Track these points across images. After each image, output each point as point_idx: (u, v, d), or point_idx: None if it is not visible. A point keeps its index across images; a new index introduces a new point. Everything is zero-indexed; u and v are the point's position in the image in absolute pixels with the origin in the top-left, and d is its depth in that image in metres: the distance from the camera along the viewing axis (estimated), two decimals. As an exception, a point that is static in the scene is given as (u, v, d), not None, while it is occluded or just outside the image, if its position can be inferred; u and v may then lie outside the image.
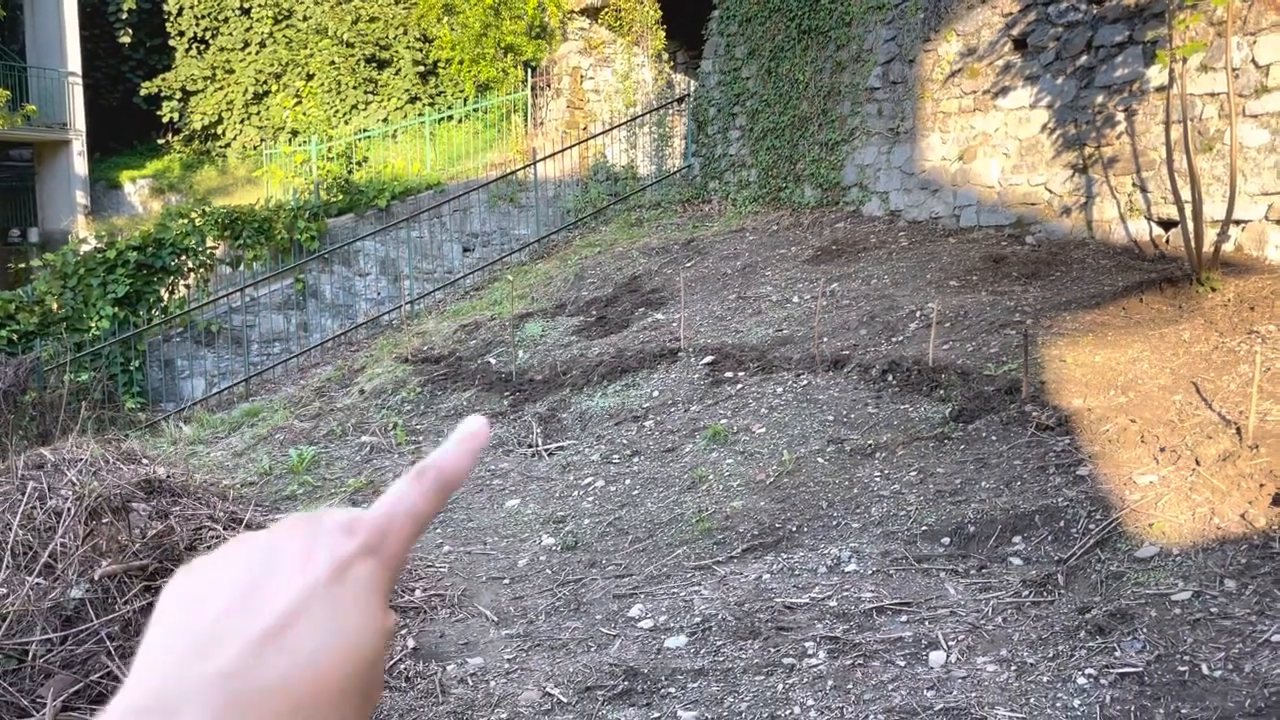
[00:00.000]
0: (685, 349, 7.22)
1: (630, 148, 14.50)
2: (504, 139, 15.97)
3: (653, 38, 14.79)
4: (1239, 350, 4.66)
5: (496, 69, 16.03)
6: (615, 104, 15.40)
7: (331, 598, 0.45)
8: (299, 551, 0.46)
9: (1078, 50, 7.26)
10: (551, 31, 16.27)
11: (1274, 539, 3.09)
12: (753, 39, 11.67)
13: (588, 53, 16.06)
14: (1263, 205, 5.93)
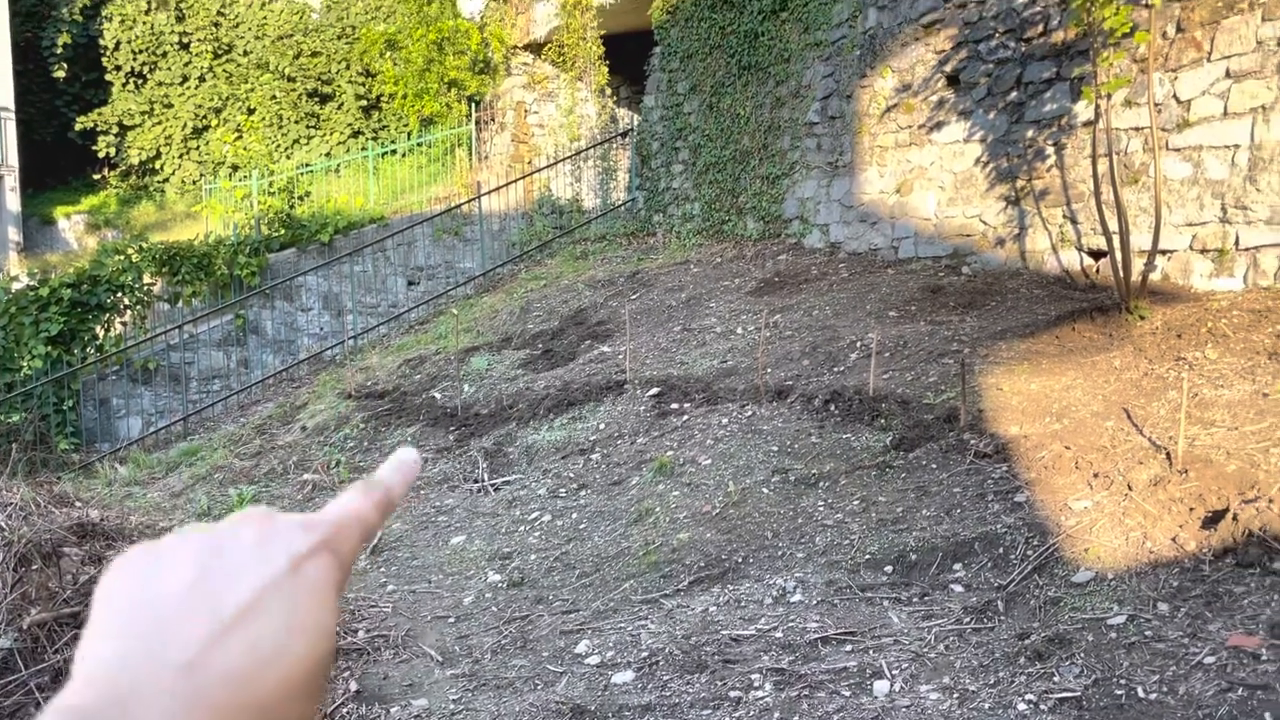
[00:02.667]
0: (631, 381, 7.24)
1: (575, 181, 14.57)
2: (448, 173, 15.95)
3: (596, 73, 14.92)
4: (1167, 377, 4.80)
5: (440, 103, 16.04)
6: (560, 138, 15.48)
7: (291, 591, 0.43)
8: (253, 543, 0.45)
9: (1008, 86, 7.47)
10: (495, 67, 16.33)
11: (1204, 562, 3.17)
12: (694, 75, 11.83)
13: (531, 88, 16.15)
14: (1187, 236, 6.13)
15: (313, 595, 0.44)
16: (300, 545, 0.45)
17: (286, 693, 0.42)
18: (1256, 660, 2.55)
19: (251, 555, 0.44)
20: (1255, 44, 5.75)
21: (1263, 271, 5.66)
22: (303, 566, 0.45)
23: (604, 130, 15.30)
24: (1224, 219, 5.91)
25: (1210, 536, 3.25)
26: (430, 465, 6.88)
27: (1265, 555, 3.01)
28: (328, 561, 0.46)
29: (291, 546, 0.45)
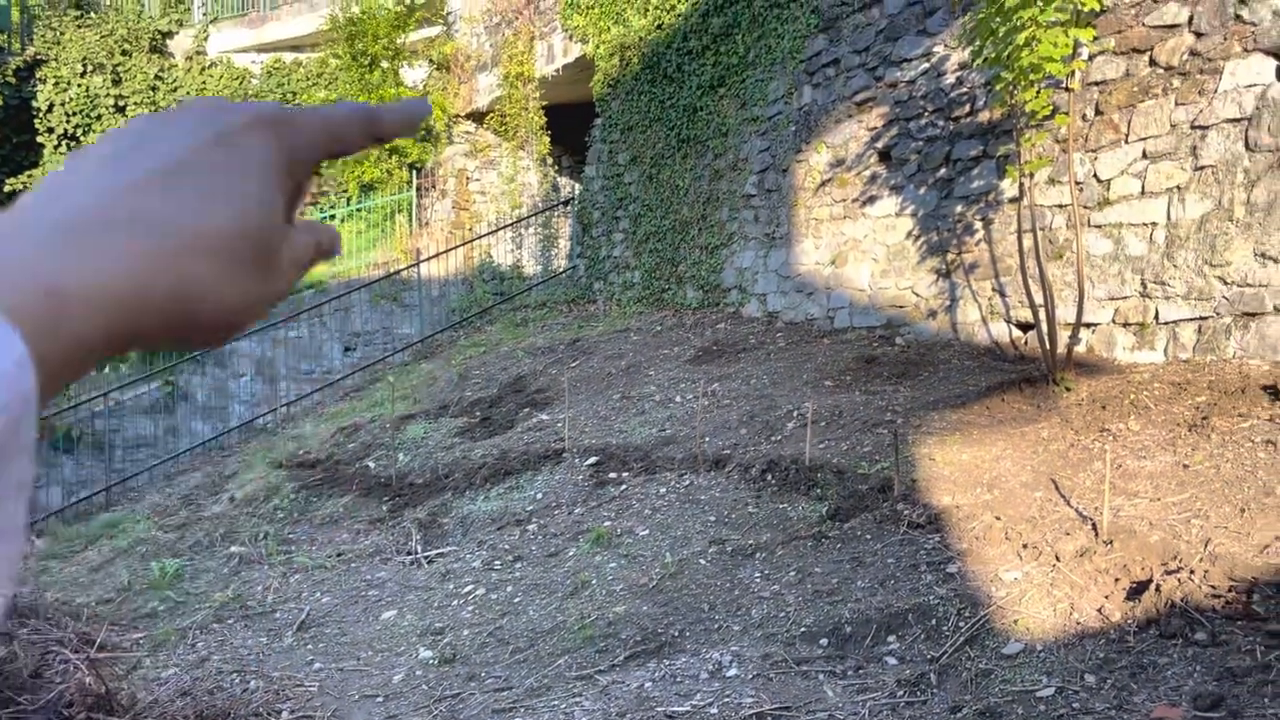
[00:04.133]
0: (570, 450, 7.20)
1: (516, 248, 14.63)
2: (388, 238, 15.92)
3: (538, 143, 15.10)
4: (1093, 448, 4.91)
5: (381, 170, 16.06)
6: (501, 205, 15.57)
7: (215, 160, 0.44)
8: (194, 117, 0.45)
9: (938, 163, 7.71)
10: (437, 135, 16.44)
11: (1129, 633, 3.21)
12: (634, 146, 12.03)
13: (474, 155, 16.27)
14: (1110, 309, 6.33)
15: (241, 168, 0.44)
16: (233, 118, 0.46)
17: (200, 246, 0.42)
18: (1181, 733, 2.58)
19: (188, 126, 0.45)
20: (1170, 127, 6.02)
21: (1182, 345, 5.85)
22: (234, 139, 0.45)
23: (546, 198, 15.44)
24: (1144, 294, 6.12)
25: (1135, 607, 3.30)
26: (362, 537, 6.73)
27: (1187, 626, 3.07)
28: (265, 139, 0.46)
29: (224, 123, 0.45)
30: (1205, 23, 5.84)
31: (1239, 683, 2.72)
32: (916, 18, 7.98)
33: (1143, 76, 6.20)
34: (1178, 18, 5.99)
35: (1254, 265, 5.49)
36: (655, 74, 11.57)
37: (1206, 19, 5.83)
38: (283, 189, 0.47)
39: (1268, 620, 2.97)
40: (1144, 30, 6.18)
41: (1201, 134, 5.83)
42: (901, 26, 8.13)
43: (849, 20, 8.74)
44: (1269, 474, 4.12)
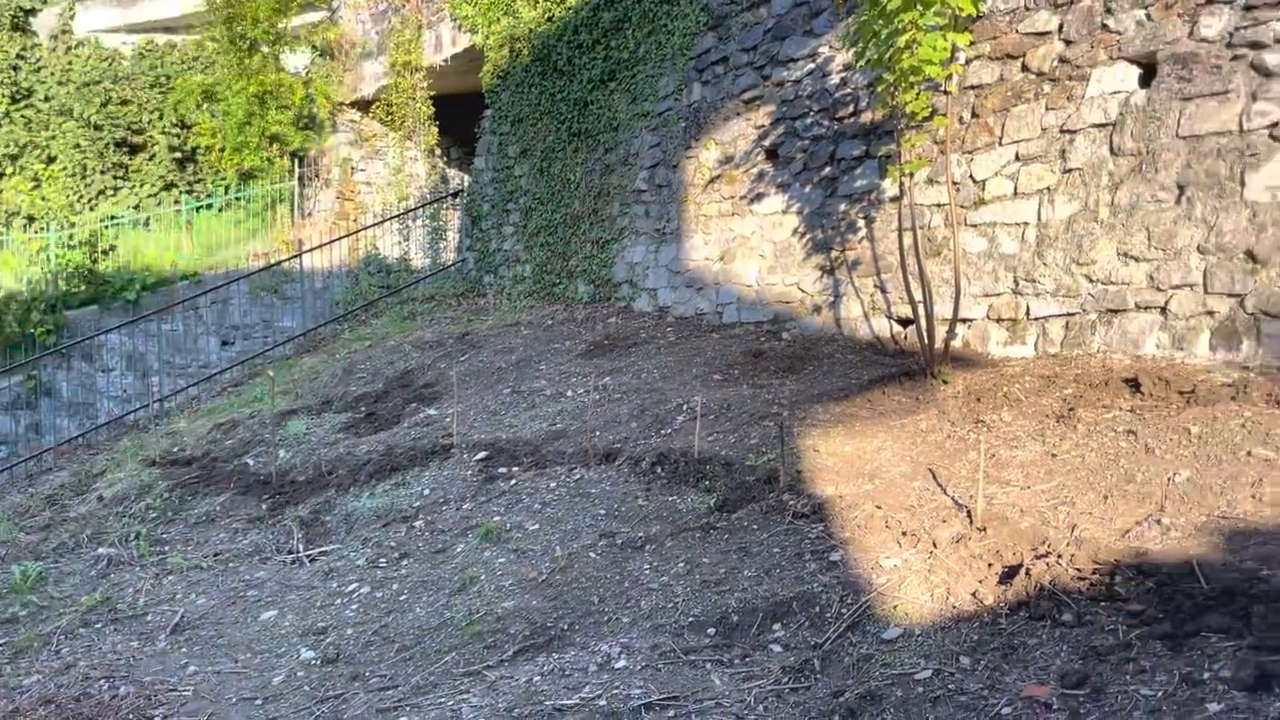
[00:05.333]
0: (459, 445, 7.10)
1: (404, 240, 14.35)
2: (269, 229, 15.41)
3: (426, 133, 14.84)
4: (968, 438, 5.09)
5: (261, 158, 15.54)
6: (388, 196, 15.26)
7: None
8: None
9: (822, 162, 7.88)
10: (321, 123, 16.00)
11: (1001, 616, 3.34)
12: (525, 139, 11.93)
13: (359, 145, 15.89)
14: (984, 306, 6.57)
15: None
16: None
17: None
18: (1048, 709, 2.69)
19: None
20: (1041, 130, 6.28)
21: (1051, 340, 6.12)
22: None
23: (434, 190, 15.19)
24: (1017, 291, 6.37)
25: (1007, 591, 3.43)
26: (240, 537, 6.50)
27: (1055, 608, 3.21)
28: None
29: None
30: (1074, 31, 6.11)
31: (1102, 660, 2.86)
32: (803, 18, 8.14)
33: (1016, 81, 6.45)
34: (1048, 25, 6.26)
35: (1117, 264, 5.78)
36: (546, 66, 11.50)
37: (1075, 27, 6.10)
38: None
39: (1128, 601, 3.13)
40: (1017, 37, 6.44)
41: (1070, 138, 6.10)
42: (788, 27, 8.28)
43: (737, 19, 8.85)
44: (1130, 462, 4.34)
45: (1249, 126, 5.23)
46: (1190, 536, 3.55)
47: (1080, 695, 2.71)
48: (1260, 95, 5.20)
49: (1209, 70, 5.43)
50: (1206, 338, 5.30)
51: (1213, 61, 5.41)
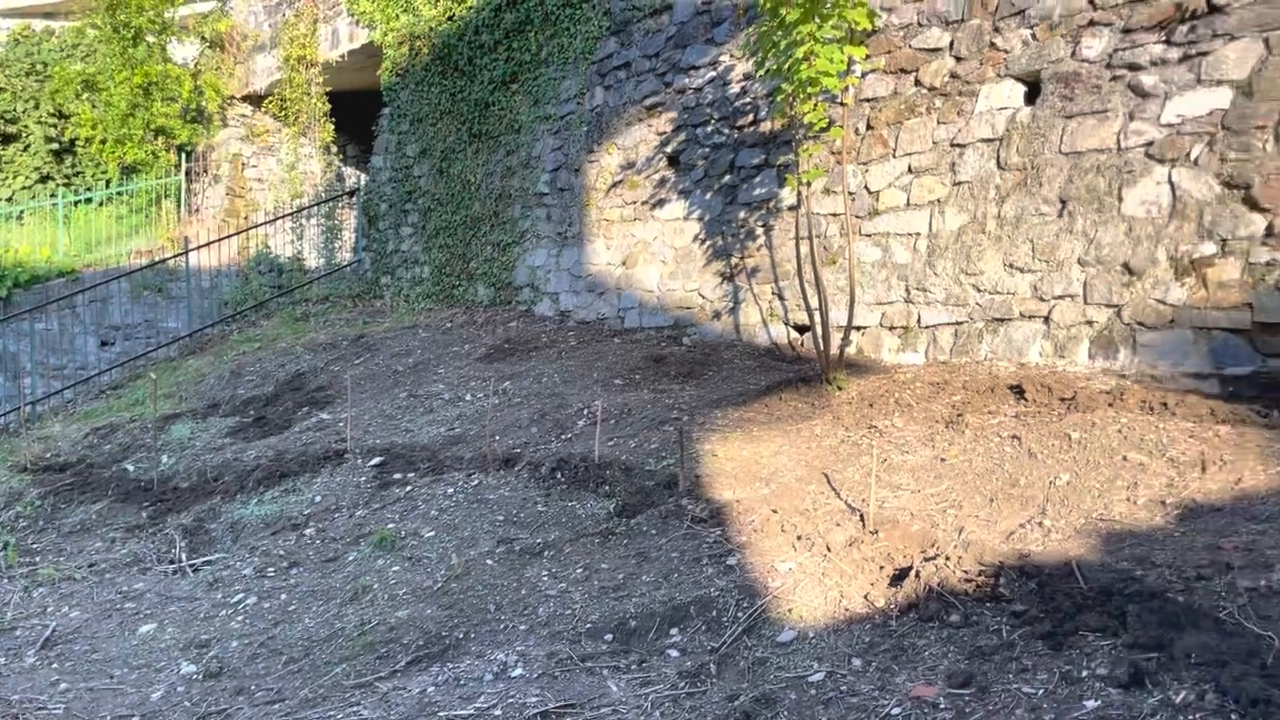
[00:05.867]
0: (352, 450, 6.93)
1: (297, 239, 13.96)
2: (154, 225, 14.81)
3: (321, 130, 14.47)
4: (861, 443, 5.19)
5: (145, 151, 14.93)
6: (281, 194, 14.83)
7: None
8: None
9: (723, 169, 7.96)
10: (210, 116, 15.46)
11: (891, 617, 3.41)
12: (425, 139, 11.74)
13: (251, 140, 15.41)
14: (878, 313, 6.72)
15: None
16: None
17: None
18: (935, 709, 2.75)
19: None
20: (932, 144, 6.46)
21: (940, 347, 6.30)
22: None
23: (329, 188, 14.82)
24: (908, 299, 6.54)
25: (897, 593, 3.50)
26: (118, 546, 6.21)
27: (943, 609, 3.29)
28: None
29: None
30: (964, 48, 6.31)
31: (987, 660, 2.94)
32: (705, 27, 8.21)
33: (909, 95, 6.63)
34: (940, 42, 6.44)
35: (1003, 274, 5.98)
36: (446, 66, 11.34)
37: (965, 44, 6.30)
38: None
39: (1012, 601, 3.23)
40: (911, 52, 6.61)
41: (960, 151, 6.30)
42: (690, 35, 8.34)
43: (640, 25, 8.87)
44: (1014, 466, 4.49)
45: (1126, 145, 5.48)
46: (1070, 538, 3.68)
47: (966, 695, 2.78)
48: (1137, 115, 5.45)
49: (1090, 90, 5.66)
50: (1086, 346, 5.53)
51: (1093, 81, 5.65)
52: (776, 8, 5.81)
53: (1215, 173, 5.11)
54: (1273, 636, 2.62)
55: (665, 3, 8.60)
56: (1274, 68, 4.95)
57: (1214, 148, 5.12)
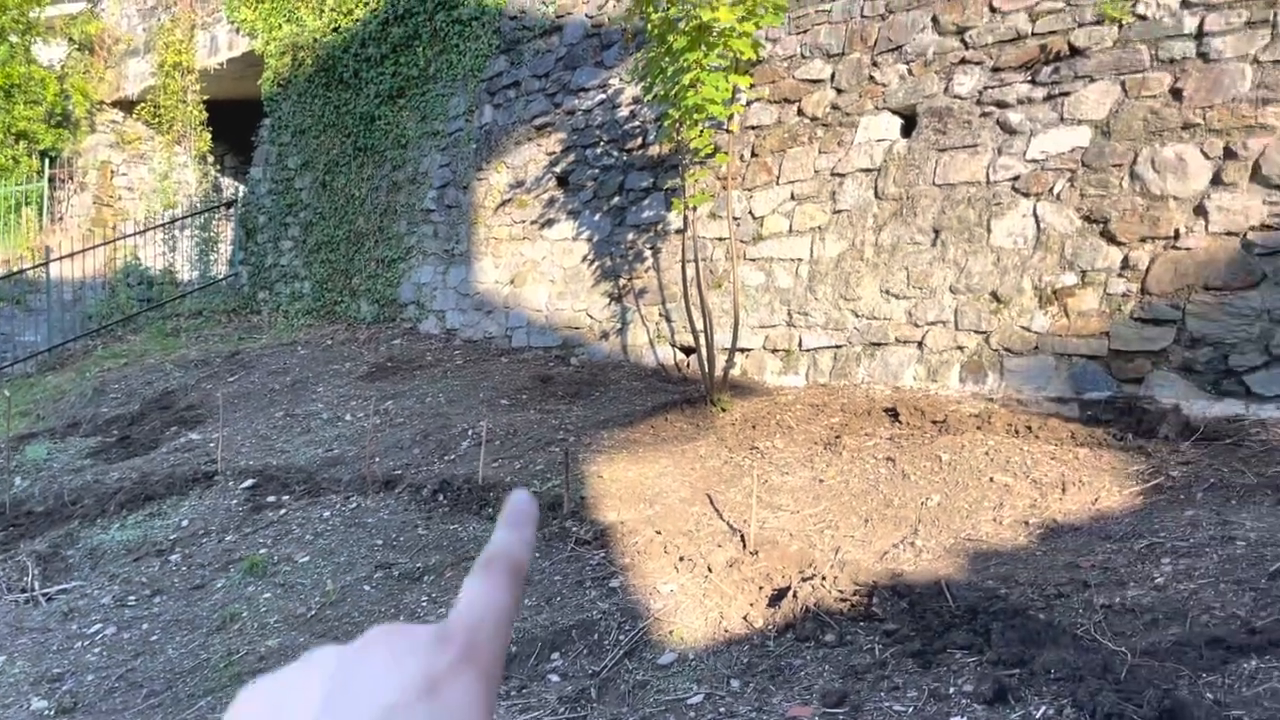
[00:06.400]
0: (223, 472, 6.66)
1: (170, 251, 13.42)
2: (12, 233, 14.02)
3: (197, 138, 13.97)
4: (744, 464, 5.26)
5: (5, 156, 14.13)
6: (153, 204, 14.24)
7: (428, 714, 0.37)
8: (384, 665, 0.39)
9: (612, 191, 8.00)
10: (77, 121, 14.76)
11: (769, 638, 3.46)
12: (307, 151, 11.46)
13: (121, 147, 14.77)
14: (761, 336, 6.84)
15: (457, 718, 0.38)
16: (438, 662, 0.40)
17: None
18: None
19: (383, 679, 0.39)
20: (814, 172, 6.63)
21: (821, 370, 6.44)
22: (441, 688, 0.39)
23: (206, 199, 14.31)
24: (790, 323, 6.68)
25: (775, 614, 3.55)
26: (-37, 574, 5.81)
27: (819, 629, 3.35)
28: (471, 679, 0.40)
29: (428, 664, 0.39)
30: (845, 80, 6.51)
31: (860, 679, 3.00)
32: (594, 50, 8.25)
33: (792, 124, 6.79)
34: (822, 73, 6.63)
35: (880, 301, 6.17)
36: (331, 78, 11.11)
37: (846, 77, 6.50)
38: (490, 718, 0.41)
39: (885, 620, 3.31)
40: (794, 82, 6.78)
41: (840, 181, 6.48)
42: (580, 56, 8.37)
43: (530, 45, 8.87)
44: (889, 488, 4.62)
45: (995, 178, 5.72)
46: (940, 558, 3.80)
47: (840, 714, 2.83)
48: (1005, 150, 5.70)
49: (961, 124, 5.91)
50: (957, 371, 5.74)
51: (965, 117, 5.90)
52: (664, 35, 5.88)
53: (1076, 207, 5.38)
54: (1126, 652, 2.75)
55: (555, 24, 8.62)
56: (1129, 110, 5.26)
57: (1075, 183, 5.40)
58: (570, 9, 8.51)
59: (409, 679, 0.39)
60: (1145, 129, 5.20)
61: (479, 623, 0.43)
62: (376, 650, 0.41)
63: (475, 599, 0.44)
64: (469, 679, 0.40)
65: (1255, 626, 2.73)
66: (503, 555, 0.46)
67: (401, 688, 0.39)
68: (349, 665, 0.40)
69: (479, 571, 0.45)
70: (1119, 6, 5.34)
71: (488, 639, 0.42)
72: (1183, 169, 5.04)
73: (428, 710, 0.38)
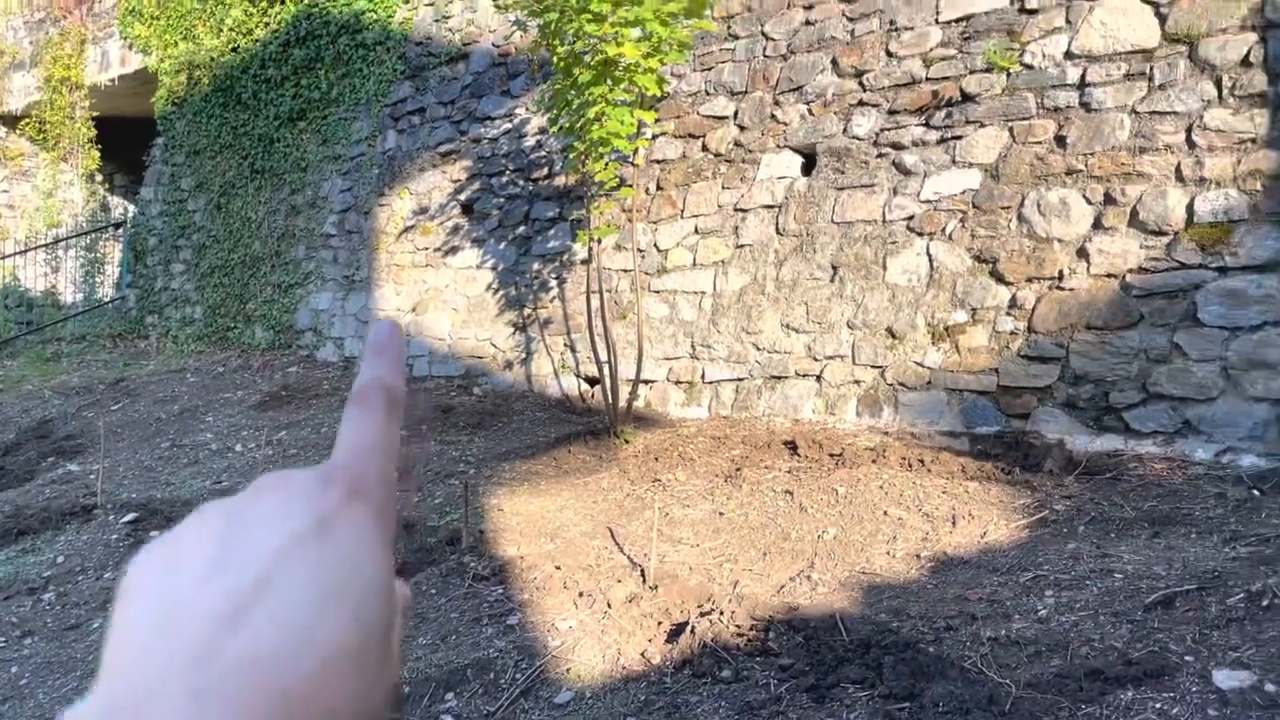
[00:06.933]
0: (104, 505, 6.36)
1: (52, 272, 12.84)
2: (-121, 250, 13.25)
3: (85, 156, 13.45)
4: (645, 497, 5.26)
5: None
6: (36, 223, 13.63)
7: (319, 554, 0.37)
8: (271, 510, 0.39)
9: (518, 220, 7.97)
10: (-46, 134, 14.07)
11: (667, 674, 3.44)
12: (202, 172, 11.14)
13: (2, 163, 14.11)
14: (665, 368, 6.88)
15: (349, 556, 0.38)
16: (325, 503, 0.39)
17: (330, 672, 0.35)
18: (707, 767, 2.79)
19: (271, 525, 0.38)
20: (718, 207, 6.72)
21: (723, 402, 6.50)
22: (332, 527, 0.38)
23: (93, 219, 13.76)
24: (694, 355, 6.73)
25: (673, 649, 3.54)
26: None
27: (716, 664, 3.35)
28: (361, 514, 0.40)
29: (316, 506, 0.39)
30: (748, 118, 6.63)
31: (756, 715, 3.00)
32: (501, 79, 8.24)
33: (696, 160, 6.88)
34: (726, 110, 6.74)
35: (780, 334, 6.27)
36: (228, 98, 10.83)
37: (749, 114, 6.62)
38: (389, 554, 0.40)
39: (780, 655, 3.32)
40: (699, 118, 6.88)
41: (742, 216, 6.58)
42: (486, 85, 8.35)
43: (436, 72, 8.81)
44: (786, 521, 4.66)
45: (890, 217, 5.89)
46: (835, 591, 3.85)
47: (736, 751, 2.83)
48: (900, 190, 5.87)
49: (859, 164, 6.06)
50: (854, 405, 5.85)
51: (862, 157, 6.06)
52: (570, 68, 5.91)
53: (967, 247, 5.57)
54: (1011, 684, 2.81)
55: (462, 52, 8.59)
56: (1017, 154, 5.48)
57: (966, 224, 5.59)
58: (477, 37, 8.49)
59: (297, 522, 0.39)
60: (1032, 173, 5.42)
61: (362, 457, 0.42)
62: (263, 498, 0.40)
63: (354, 434, 0.43)
64: (359, 514, 0.40)
65: (1132, 658, 2.83)
66: (374, 384, 0.45)
67: (290, 531, 0.38)
68: (237, 516, 0.40)
69: (353, 406, 0.44)
70: (1007, 56, 5.58)
71: (374, 472, 0.42)
72: (1066, 213, 5.26)
73: (318, 550, 0.38)
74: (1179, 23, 5.04)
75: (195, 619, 0.35)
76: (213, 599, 0.36)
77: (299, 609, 0.36)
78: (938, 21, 5.89)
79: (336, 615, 0.37)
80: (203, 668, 0.34)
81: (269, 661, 0.35)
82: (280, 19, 10.16)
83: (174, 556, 0.38)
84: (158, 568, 0.38)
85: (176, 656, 0.34)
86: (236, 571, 0.37)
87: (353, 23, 9.49)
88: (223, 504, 0.41)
